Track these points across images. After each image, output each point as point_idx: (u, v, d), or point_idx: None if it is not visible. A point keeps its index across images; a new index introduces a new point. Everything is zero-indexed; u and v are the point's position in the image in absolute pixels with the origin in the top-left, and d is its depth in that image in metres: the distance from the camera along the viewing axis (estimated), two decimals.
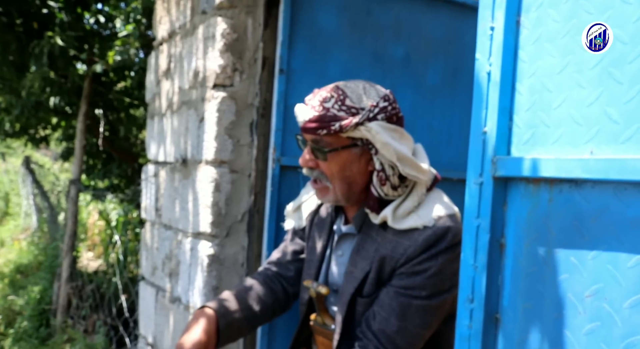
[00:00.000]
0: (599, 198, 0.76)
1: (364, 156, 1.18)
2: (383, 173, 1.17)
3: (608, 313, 0.74)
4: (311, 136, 1.17)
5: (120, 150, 5.36)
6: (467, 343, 0.94)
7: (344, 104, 1.14)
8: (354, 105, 1.14)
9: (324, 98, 1.16)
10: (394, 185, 1.18)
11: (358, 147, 1.17)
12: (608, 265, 0.74)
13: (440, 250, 1.12)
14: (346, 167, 1.18)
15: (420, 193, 1.19)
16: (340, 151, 1.16)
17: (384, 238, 1.19)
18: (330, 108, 1.14)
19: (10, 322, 4.98)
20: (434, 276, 1.12)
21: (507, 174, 0.89)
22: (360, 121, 1.12)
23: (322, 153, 1.17)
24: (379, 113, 1.14)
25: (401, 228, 1.16)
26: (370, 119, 1.13)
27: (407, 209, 1.17)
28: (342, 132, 1.14)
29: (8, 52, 3.89)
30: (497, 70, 0.90)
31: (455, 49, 2.17)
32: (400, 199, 1.19)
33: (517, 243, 0.89)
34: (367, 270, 1.19)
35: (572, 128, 0.80)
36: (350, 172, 1.19)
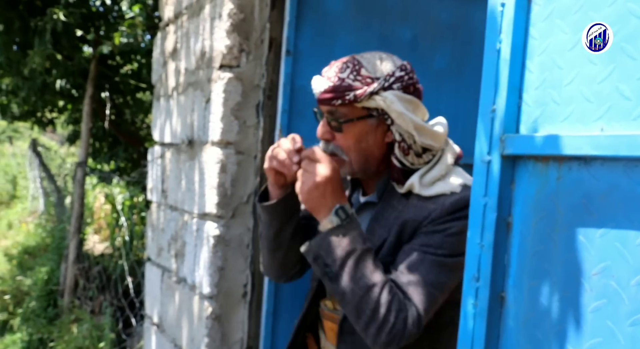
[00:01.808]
0: (609, 176, 0.75)
1: (380, 127, 1.16)
2: (404, 143, 1.15)
3: (615, 290, 0.74)
4: (327, 107, 1.16)
5: (126, 134, 5.37)
6: (472, 321, 0.94)
7: (359, 74, 1.12)
8: (369, 75, 1.12)
9: (339, 68, 1.14)
10: (418, 153, 1.17)
11: (374, 118, 1.15)
12: (616, 242, 0.74)
13: (464, 214, 1.08)
14: (362, 138, 1.16)
15: (448, 164, 1.18)
16: (355, 122, 1.15)
17: (407, 205, 1.17)
18: (346, 79, 1.12)
19: (18, 302, 5.05)
20: (453, 235, 1.10)
21: (515, 152, 0.88)
22: (375, 90, 1.11)
23: (338, 124, 1.15)
24: (395, 83, 1.12)
25: (428, 194, 1.14)
26: (386, 88, 1.11)
27: (434, 177, 1.15)
28: (357, 102, 1.12)
29: (11, 31, 3.86)
30: (507, 47, 0.89)
31: (463, 32, 2.14)
32: (426, 167, 1.17)
33: (524, 221, 0.89)
34: (384, 237, 1.17)
35: (583, 106, 0.79)
36: (367, 143, 1.17)
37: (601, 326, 0.75)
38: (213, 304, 1.94)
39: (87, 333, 3.82)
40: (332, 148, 1.20)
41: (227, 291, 1.96)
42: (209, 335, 1.95)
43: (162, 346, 2.47)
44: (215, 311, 1.95)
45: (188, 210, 2.17)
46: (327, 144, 1.20)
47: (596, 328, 0.76)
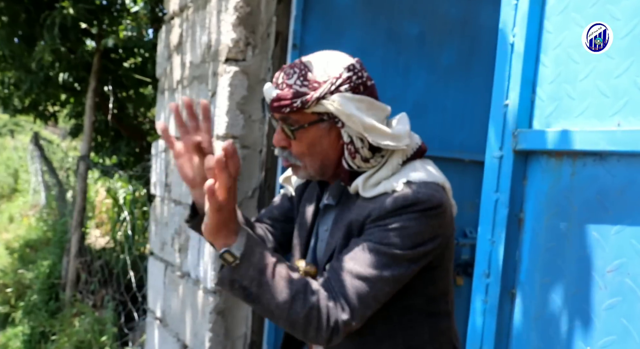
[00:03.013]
0: (625, 172, 0.74)
1: (333, 130, 1.15)
2: (352, 145, 1.14)
3: (630, 288, 0.73)
4: (278, 115, 1.15)
5: (129, 128, 5.36)
6: (482, 317, 0.93)
7: (306, 79, 1.11)
8: (315, 79, 1.11)
9: (287, 75, 1.13)
10: (365, 157, 1.15)
11: (325, 122, 1.14)
12: (632, 239, 0.73)
13: (404, 210, 1.08)
14: (316, 142, 1.15)
15: (395, 164, 1.15)
16: (307, 128, 1.14)
17: (355, 206, 1.16)
18: (293, 85, 1.11)
19: (20, 295, 5.05)
20: (394, 230, 1.07)
21: (528, 147, 0.87)
22: (322, 95, 1.09)
23: (291, 131, 1.15)
24: (342, 85, 1.10)
25: (370, 195, 1.13)
26: (333, 92, 1.10)
27: (379, 179, 1.14)
28: (306, 108, 1.11)
29: (17, 24, 3.84)
30: (521, 41, 0.88)
31: (471, 28, 2.13)
32: (373, 170, 1.16)
33: (536, 218, 0.88)
34: (341, 239, 1.16)
35: (599, 101, 0.78)
36: (321, 147, 1.16)
37: (615, 324, 0.74)
38: (217, 299, 1.94)
39: (88, 327, 3.82)
40: (286, 155, 1.20)
41: None
42: (213, 330, 1.95)
43: (164, 340, 2.47)
44: (219, 306, 1.94)
45: None
46: (282, 151, 1.20)
47: (610, 325, 0.75)
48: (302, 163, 1.18)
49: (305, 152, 1.17)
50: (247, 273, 1.04)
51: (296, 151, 1.17)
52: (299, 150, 1.17)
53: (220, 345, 1.97)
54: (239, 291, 1.06)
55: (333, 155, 1.18)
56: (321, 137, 1.15)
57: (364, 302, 1.05)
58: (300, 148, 1.17)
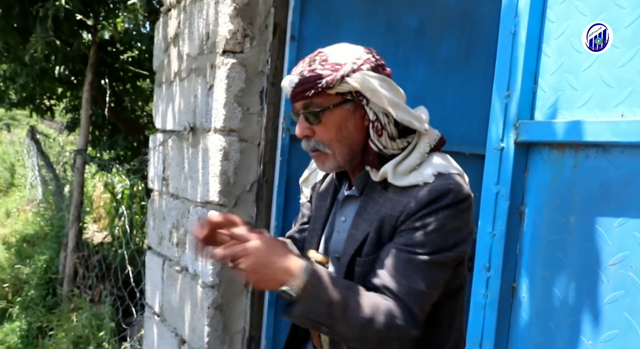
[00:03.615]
0: (629, 163, 0.73)
1: (358, 111, 1.16)
2: (378, 122, 1.14)
3: (633, 281, 0.72)
4: (301, 102, 1.15)
5: (126, 122, 5.33)
6: (482, 311, 0.92)
7: (327, 62, 1.12)
8: (337, 62, 1.12)
9: (307, 62, 1.15)
10: (392, 135, 1.15)
11: (349, 102, 1.15)
12: (635, 232, 0.72)
13: (441, 206, 1.09)
14: (342, 125, 1.15)
15: (423, 152, 1.16)
16: (332, 109, 1.14)
17: (385, 198, 1.16)
18: (315, 69, 1.12)
19: (17, 290, 5.04)
20: (434, 232, 1.09)
21: (529, 139, 0.86)
22: (345, 73, 1.11)
23: (315, 115, 1.14)
24: (363, 64, 1.12)
25: (401, 184, 1.14)
26: (355, 70, 1.11)
27: (409, 166, 1.14)
28: (330, 89, 1.12)
29: (11, 16, 3.81)
30: (523, 30, 0.87)
31: (471, 20, 2.11)
32: (402, 156, 1.16)
33: (537, 210, 0.87)
34: (367, 231, 1.16)
35: (602, 91, 0.76)
36: (347, 130, 1.16)
37: (618, 318, 0.73)
38: (215, 294, 1.93)
39: (86, 322, 3.81)
40: (313, 144, 1.19)
41: (229, 280, 1.94)
42: (211, 325, 1.94)
43: (162, 335, 2.46)
44: (217, 301, 1.93)
45: (190, 198, 2.14)
46: (307, 141, 1.20)
47: (612, 319, 0.74)
48: (331, 151, 1.18)
49: (333, 137, 1.16)
50: (315, 310, 1.05)
51: (323, 137, 1.17)
52: (326, 136, 1.16)
53: (219, 340, 1.97)
54: (313, 326, 1.09)
55: (359, 139, 1.18)
56: (347, 119, 1.15)
57: (424, 311, 1.11)
58: (326, 134, 1.16)
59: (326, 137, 1.16)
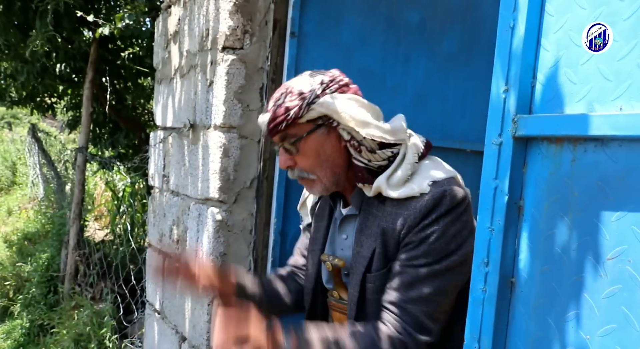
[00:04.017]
0: (627, 157, 0.73)
1: (332, 133, 1.19)
2: (354, 140, 1.17)
3: (631, 275, 0.71)
4: (277, 136, 1.19)
5: (127, 119, 5.33)
6: (481, 307, 0.92)
7: (293, 94, 1.17)
8: (301, 90, 1.16)
9: (275, 99, 1.19)
10: (371, 148, 1.18)
11: (322, 126, 1.18)
12: (633, 226, 0.72)
13: (440, 214, 1.12)
14: (320, 150, 1.19)
15: (412, 161, 1.18)
16: (306, 137, 1.18)
17: (384, 212, 1.19)
18: (282, 103, 1.16)
19: (19, 288, 5.05)
20: (437, 241, 1.12)
21: (528, 133, 0.86)
22: (310, 100, 1.14)
23: (293, 146, 1.18)
24: (327, 88, 1.16)
25: (397, 196, 1.16)
26: (319, 96, 1.15)
27: (402, 178, 1.16)
28: (300, 118, 1.15)
29: (11, 12, 3.81)
30: (522, 24, 0.86)
31: (473, 16, 2.10)
32: (392, 168, 1.18)
33: (536, 205, 0.86)
34: (373, 247, 1.19)
35: (601, 84, 0.76)
36: (325, 154, 1.19)
37: (616, 312, 0.73)
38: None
39: (87, 320, 3.81)
40: (297, 172, 1.22)
41: None
42: (211, 322, 1.94)
43: (163, 333, 2.46)
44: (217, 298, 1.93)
45: (190, 195, 2.14)
46: (292, 171, 1.23)
47: (610, 314, 0.74)
48: (315, 176, 1.21)
49: (313, 163, 1.20)
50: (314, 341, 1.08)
51: (304, 165, 1.21)
52: (307, 163, 1.20)
53: None
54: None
55: (340, 160, 1.21)
56: (323, 143, 1.19)
57: (436, 319, 1.13)
58: (306, 161, 1.20)
59: (307, 164, 1.20)
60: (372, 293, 1.20)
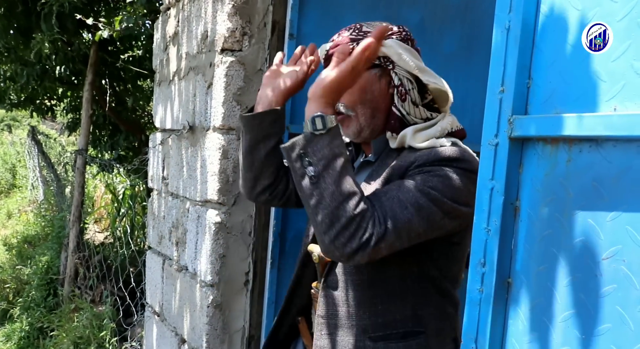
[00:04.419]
0: (621, 157, 0.73)
1: (384, 77, 1.21)
2: (402, 87, 1.19)
3: (626, 275, 0.72)
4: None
5: (127, 122, 5.34)
6: (478, 307, 0.92)
7: (360, 31, 1.20)
8: (369, 30, 1.19)
9: (343, 30, 1.23)
10: (415, 101, 1.20)
11: (377, 67, 1.20)
12: (627, 226, 0.72)
13: (449, 164, 1.10)
14: (367, 89, 1.20)
15: (445, 127, 1.20)
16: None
17: (398, 158, 1.19)
18: (348, 35, 1.20)
19: (18, 291, 5.05)
20: (439, 176, 1.09)
21: (523, 134, 0.86)
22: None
23: None
24: (393, 34, 1.19)
25: (416, 146, 1.16)
26: (385, 38, 1.17)
27: (428, 135, 1.17)
28: None
29: (13, 15, 3.82)
30: (517, 25, 0.87)
31: (472, 15, 2.11)
32: (424, 125, 1.20)
33: (532, 205, 0.87)
34: (375, 188, 1.17)
35: (595, 85, 0.77)
36: (372, 94, 1.21)
37: (611, 311, 0.73)
38: (214, 293, 1.93)
39: (87, 323, 3.81)
40: (337, 106, 1.22)
41: (229, 279, 1.94)
42: (210, 324, 1.94)
43: (163, 335, 2.46)
44: (216, 300, 1.93)
45: (189, 197, 2.15)
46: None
47: (606, 313, 0.74)
48: (354, 113, 1.22)
49: (357, 99, 1.21)
50: (322, 150, 1.02)
51: (348, 99, 1.21)
52: (350, 98, 1.21)
53: (218, 339, 1.97)
54: (302, 164, 1.03)
55: (383, 105, 1.22)
56: (372, 84, 1.21)
57: (398, 227, 1.05)
58: (351, 96, 1.21)
59: (351, 99, 1.21)
60: None
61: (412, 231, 1.07)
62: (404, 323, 1.18)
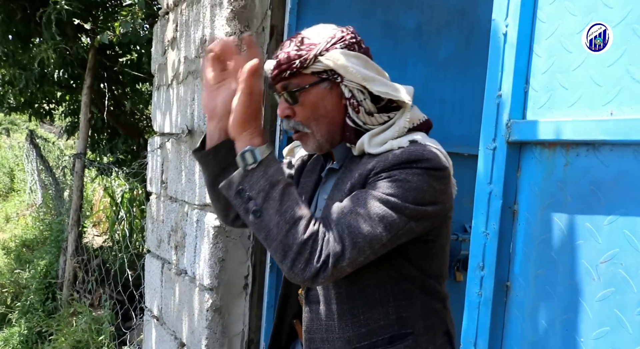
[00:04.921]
0: (618, 162, 0.74)
1: (335, 89, 1.17)
2: (354, 99, 1.15)
3: (623, 278, 0.72)
4: (280, 83, 1.17)
5: (126, 125, 5.34)
6: (477, 310, 0.93)
7: (302, 44, 1.15)
8: (312, 42, 1.14)
9: (284, 45, 1.18)
10: (369, 110, 1.16)
11: (325, 81, 1.16)
12: (625, 229, 0.73)
13: (410, 166, 1.07)
14: (319, 104, 1.17)
15: (402, 127, 1.15)
16: (308, 89, 1.16)
17: (360, 164, 1.17)
18: (291, 51, 1.14)
19: (17, 295, 5.03)
20: (397, 181, 1.06)
21: (521, 138, 0.87)
22: (318, 52, 1.12)
23: (293, 96, 1.16)
24: (337, 43, 1.14)
25: (376, 152, 1.13)
26: (328, 49, 1.13)
27: (385, 138, 1.14)
28: (305, 68, 1.14)
29: (13, 21, 3.83)
30: (514, 31, 0.87)
31: (469, 20, 2.12)
32: (380, 128, 1.16)
33: (530, 209, 0.87)
34: (340, 198, 1.15)
35: (592, 90, 0.77)
36: (325, 109, 1.18)
37: (609, 315, 0.74)
38: (213, 296, 1.93)
39: (86, 327, 3.80)
40: (293, 124, 1.21)
41: (228, 283, 1.95)
42: (210, 327, 1.94)
43: (162, 338, 2.46)
44: (215, 303, 1.93)
45: (188, 200, 2.15)
46: (288, 121, 1.21)
47: (604, 317, 0.75)
48: (310, 130, 1.19)
49: (310, 116, 1.18)
50: (258, 183, 1.02)
51: (301, 117, 1.18)
52: (304, 115, 1.18)
53: (218, 343, 1.97)
54: (243, 200, 1.03)
55: (338, 118, 1.19)
56: (324, 98, 1.17)
57: (358, 242, 1.03)
58: (304, 113, 1.18)
59: (304, 116, 1.18)
60: None
61: (375, 243, 1.04)
62: (389, 328, 1.16)
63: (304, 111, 1.17)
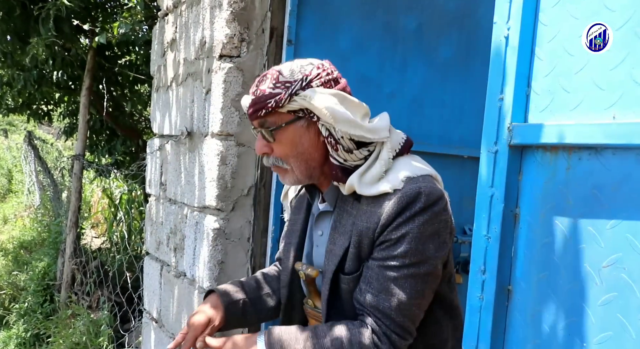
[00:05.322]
0: (621, 166, 0.73)
1: (312, 127, 1.17)
2: (331, 137, 1.15)
3: (626, 283, 0.72)
4: (256, 121, 1.18)
5: (125, 127, 5.33)
6: (478, 314, 0.92)
7: (277, 82, 1.14)
8: (287, 80, 1.14)
9: (260, 81, 1.18)
10: (348, 148, 1.16)
11: (302, 119, 1.16)
12: (627, 234, 0.72)
13: (415, 212, 1.09)
14: (297, 142, 1.17)
15: (387, 158, 1.16)
16: (285, 127, 1.16)
17: (359, 210, 1.17)
18: (266, 89, 1.14)
19: (14, 297, 5.02)
20: (413, 240, 1.09)
21: (523, 142, 0.86)
22: (294, 91, 1.12)
23: (270, 134, 1.17)
24: (313, 81, 1.14)
25: (371, 194, 1.14)
26: (304, 88, 1.13)
27: (375, 175, 1.14)
28: (281, 107, 1.14)
29: (11, 19, 3.81)
30: (516, 34, 0.87)
31: (469, 22, 2.12)
32: (365, 165, 1.16)
33: (532, 213, 0.87)
34: (346, 246, 1.17)
35: (594, 94, 0.77)
36: (302, 146, 1.18)
37: (612, 319, 0.74)
38: None
39: (84, 329, 3.79)
40: (272, 160, 1.22)
41: None
42: None
43: (160, 341, 2.45)
44: None
45: (187, 203, 2.15)
46: (267, 158, 1.23)
47: (606, 321, 0.74)
48: (289, 166, 1.20)
49: (288, 153, 1.18)
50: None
51: (279, 153, 1.19)
52: (282, 152, 1.19)
53: None
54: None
55: (316, 154, 1.19)
56: (301, 136, 1.17)
57: (414, 321, 1.15)
58: (282, 150, 1.18)
59: (282, 153, 1.19)
60: (346, 293, 1.19)
61: (422, 307, 1.16)
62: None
63: (282, 148, 1.18)
